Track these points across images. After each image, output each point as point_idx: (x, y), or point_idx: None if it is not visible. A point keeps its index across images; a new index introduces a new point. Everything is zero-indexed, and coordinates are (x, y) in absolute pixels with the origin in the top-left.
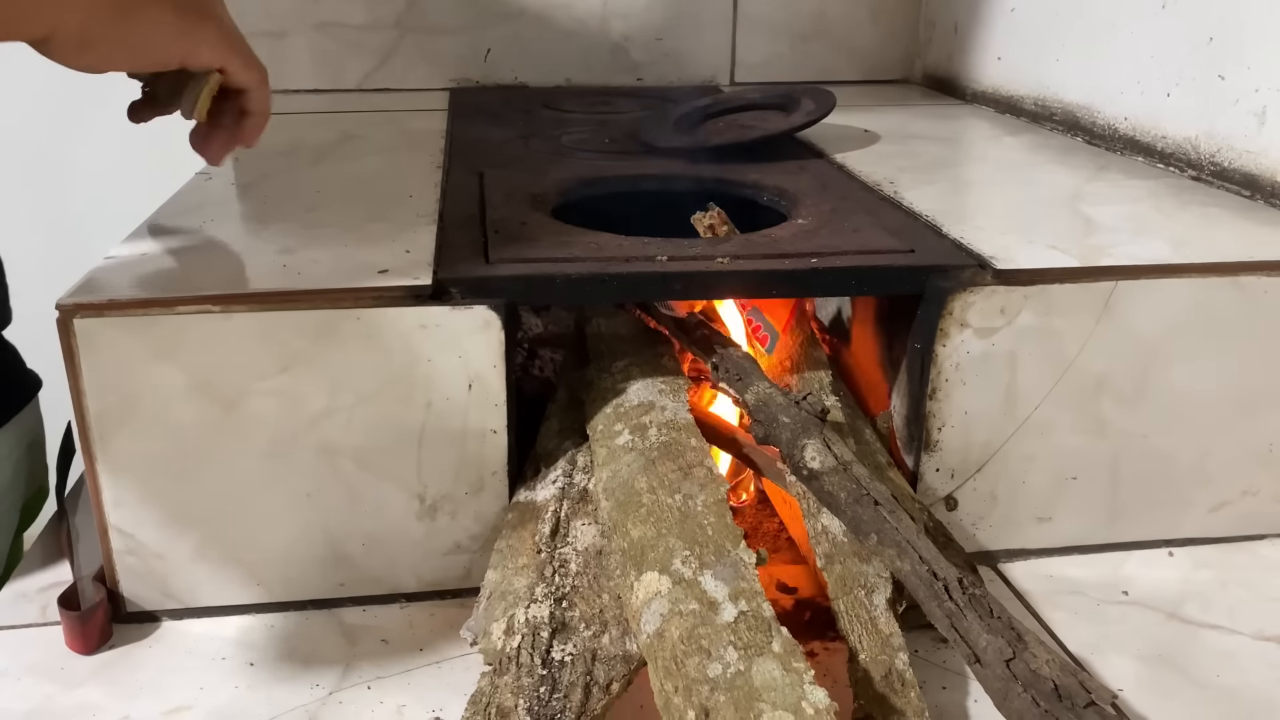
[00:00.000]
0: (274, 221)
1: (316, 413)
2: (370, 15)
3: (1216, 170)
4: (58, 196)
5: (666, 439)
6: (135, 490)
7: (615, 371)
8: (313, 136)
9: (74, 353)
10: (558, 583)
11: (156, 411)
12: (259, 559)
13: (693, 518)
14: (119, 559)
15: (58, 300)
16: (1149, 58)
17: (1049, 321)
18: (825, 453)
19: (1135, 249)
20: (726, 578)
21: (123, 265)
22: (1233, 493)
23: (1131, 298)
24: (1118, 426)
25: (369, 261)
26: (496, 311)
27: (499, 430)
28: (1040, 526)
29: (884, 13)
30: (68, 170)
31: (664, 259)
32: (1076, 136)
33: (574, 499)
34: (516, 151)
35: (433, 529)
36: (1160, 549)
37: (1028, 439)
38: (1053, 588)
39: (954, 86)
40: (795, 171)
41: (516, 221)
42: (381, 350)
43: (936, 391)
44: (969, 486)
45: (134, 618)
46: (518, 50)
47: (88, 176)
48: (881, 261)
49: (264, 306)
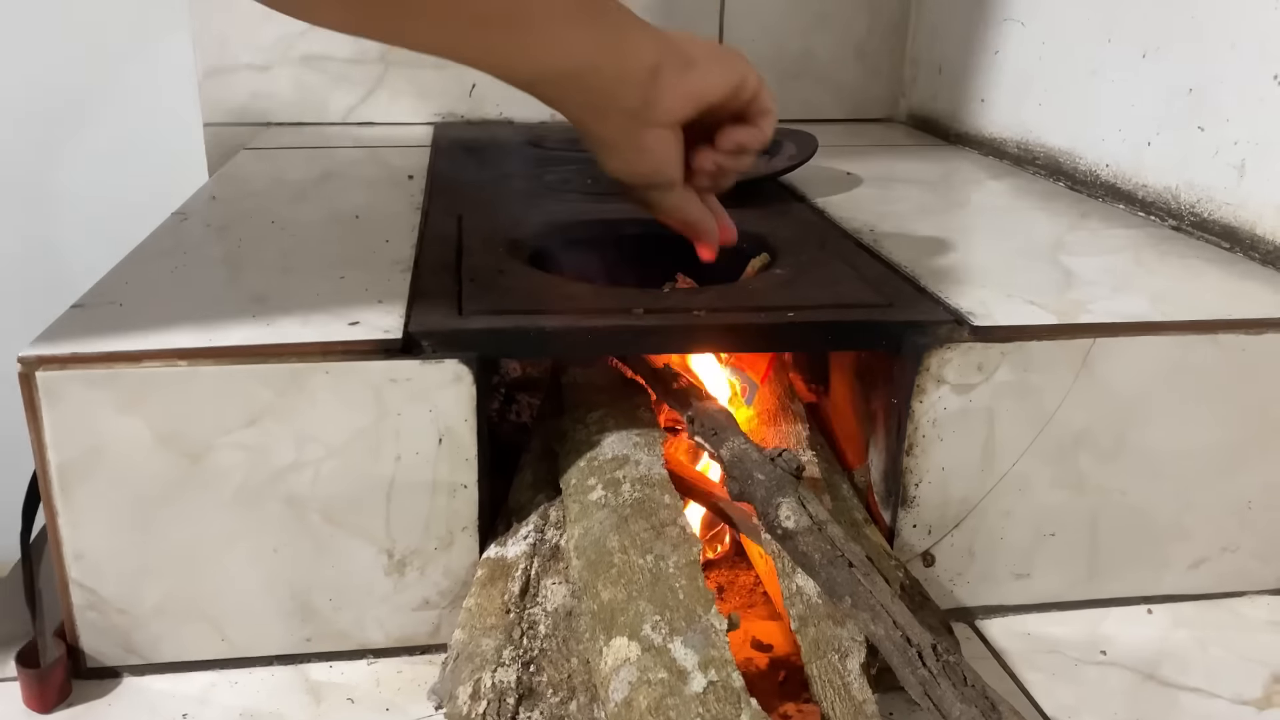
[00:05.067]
0: (247, 267)
1: (284, 466)
2: (356, 48)
3: (1196, 221)
4: (41, 221)
5: (640, 495)
6: (97, 544)
7: (590, 423)
8: (294, 172)
9: (36, 406)
10: (526, 645)
11: (120, 464)
12: (223, 614)
13: (664, 580)
14: (79, 614)
15: (20, 354)
16: (1130, 106)
17: (1027, 378)
18: (800, 512)
19: (1114, 305)
20: (697, 645)
21: (88, 313)
22: (1212, 549)
23: (1110, 354)
24: (1096, 482)
25: (341, 312)
26: (468, 365)
27: (469, 485)
28: (1018, 583)
29: (869, 52)
30: (50, 194)
31: (640, 311)
32: (1059, 181)
33: (545, 556)
34: (498, 192)
35: (401, 584)
36: (1139, 606)
37: (1006, 495)
38: (1030, 646)
39: (938, 127)
40: (775, 216)
41: (493, 269)
42: (351, 403)
43: (914, 447)
44: (946, 542)
45: (94, 673)
46: (502, 86)
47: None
48: (858, 316)
49: (231, 360)
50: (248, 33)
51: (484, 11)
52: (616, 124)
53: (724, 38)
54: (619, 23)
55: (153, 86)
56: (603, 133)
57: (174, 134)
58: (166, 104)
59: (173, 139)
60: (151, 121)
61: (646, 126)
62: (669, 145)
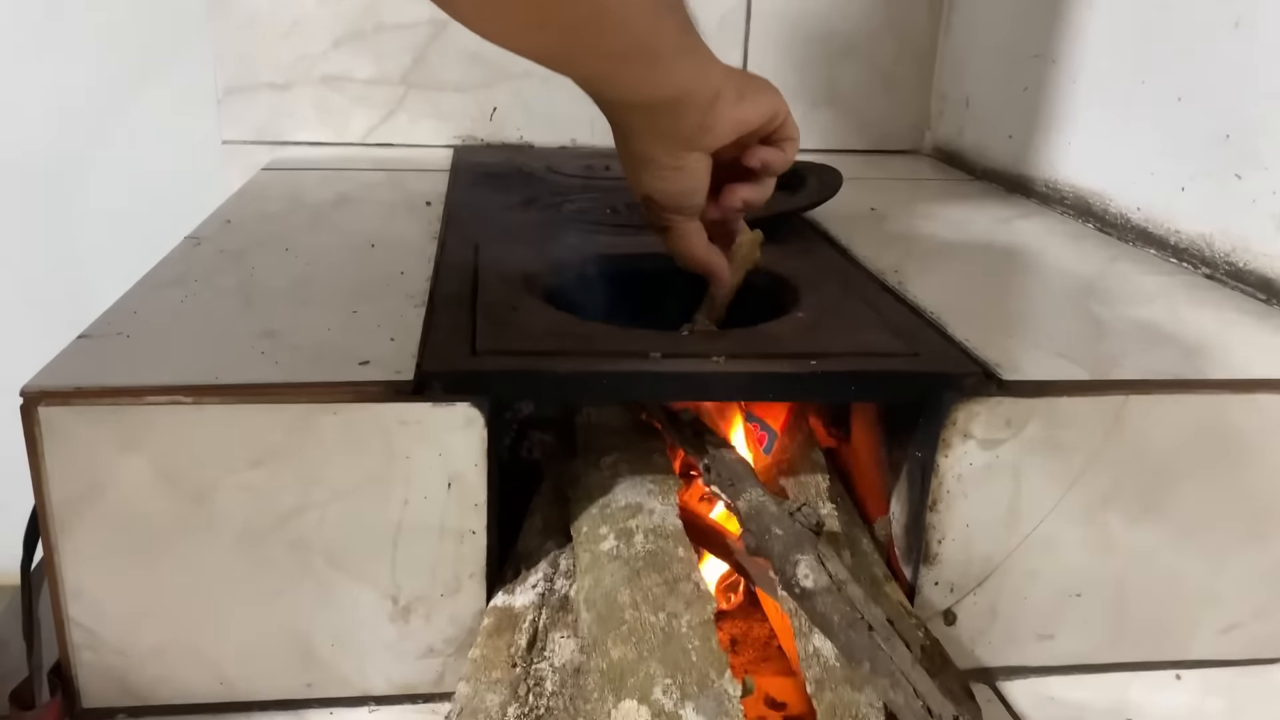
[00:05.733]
0: (258, 298)
1: (289, 509)
2: (377, 70)
3: (1231, 270)
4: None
5: (653, 547)
6: (97, 583)
7: (603, 467)
8: (312, 195)
9: (37, 441)
10: (532, 703)
11: (122, 502)
12: (223, 657)
13: (676, 639)
14: (76, 654)
15: (21, 387)
16: (1163, 150)
17: (1056, 434)
18: (819, 570)
19: (1147, 360)
20: (709, 712)
21: (94, 345)
22: (1244, 615)
23: (1143, 412)
24: (1125, 543)
25: (351, 350)
26: (480, 409)
27: (478, 531)
28: (1041, 644)
29: (896, 83)
30: (73, 209)
31: (657, 355)
32: (1088, 223)
33: (554, 607)
34: (516, 221)
35: (406, 631)
36: (1167, 671)
37: (1031, 554)
38: (1053, 712)
39: (963, 161)
40: (797, 255)
41: (507, 306)
42: (359, 446)
43: (937, 503)
44: (969, 601)
45: (90, 715)
46: (523, 109)
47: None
48: (883, 366)
49: (237, 399)
50: (268, 51)
51: (628, 48)
52: (666, 144)
53: (748, 65)
54: (704, 52)
55: (174, 103)
56: (650, 151)
57: (195, 151)
58: (187, 121)
59: (193, 156)
60: (173, 138)
61: (691, 149)
62: (704, 169)
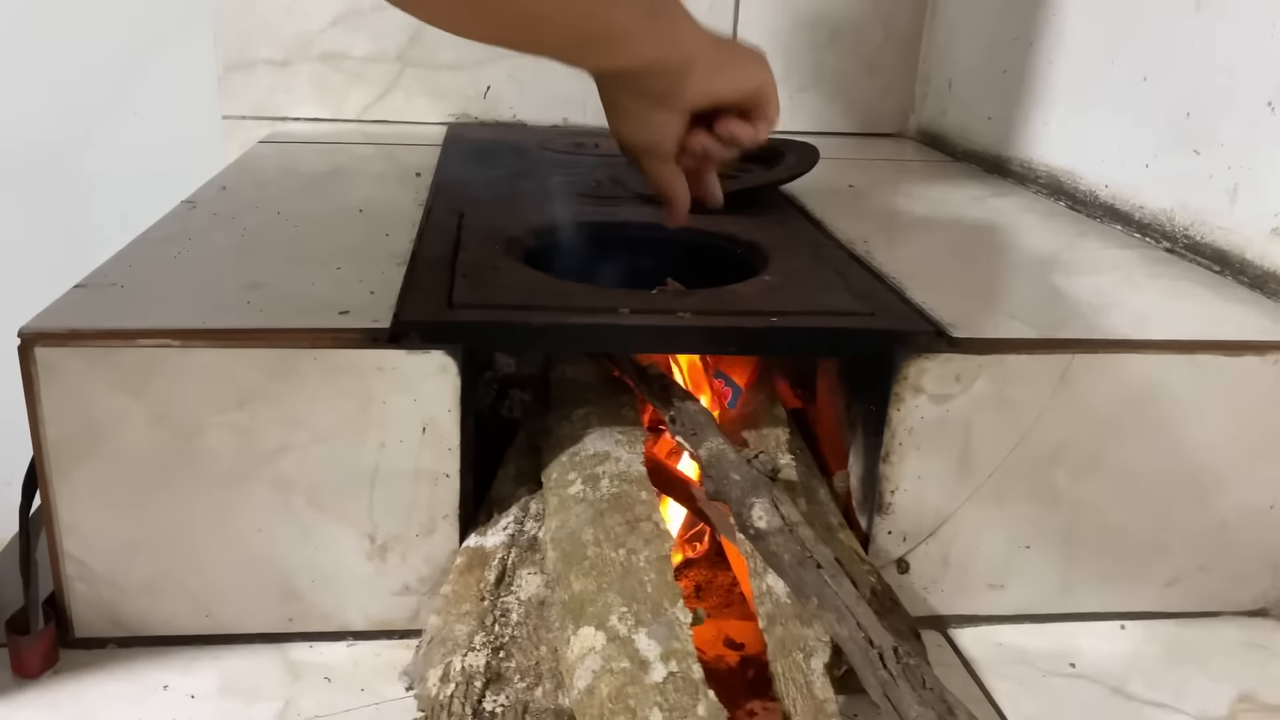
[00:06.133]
0: (248, 254)
1: (272, 449)
2: (374, 47)
3: (1190, 244)
4: (67, 205)
5: (617, 490)
6: (89, 518)
7: (575, 419)
8: (305, 166)
9: (34, 380)
10: (497, 632)
11: (114, 441)
12: (209, 590)
13: (634, 573)
14: (70, 585)
15: (20, 328)
16: (1130, 128)
17: (1005, 390)
18: (772, 513)
19: (1095, 322)
20: (660, 637)
21: (90, 294)
22: (1188, 568)
23: (1089, 371)
24: (1072, 497)
25: (333, 301)
26: (453, 357)
27: (451, 474)
28: (992, 593)
29: (881, 67)
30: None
31: (626, 311)
32: (1060, 201)
33: (523, 547)
34: (502, 192)
35: (382, 569)
36: (1113, 622)
37: (981, 506)
38: (1000, 656)
39: (946, 143)
40: (772, 225)
41: (487, 266)
42: (337, 390)
43: (890, 455)
44: (921, 550)
45: (82, 643)
46: (517, 88)
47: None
48: (839, 324)
49: (222, 343)
50: (268, 29)
51: (589, 32)
52: (635, 100)
53: None
54: (675, 21)
55: (175, 79)
56: (620, 102)
57: (194, 126)
58: (188, 96)
59: (193, 130)
60: (173, 113)
61: (659, 109)
62: (674, 127)
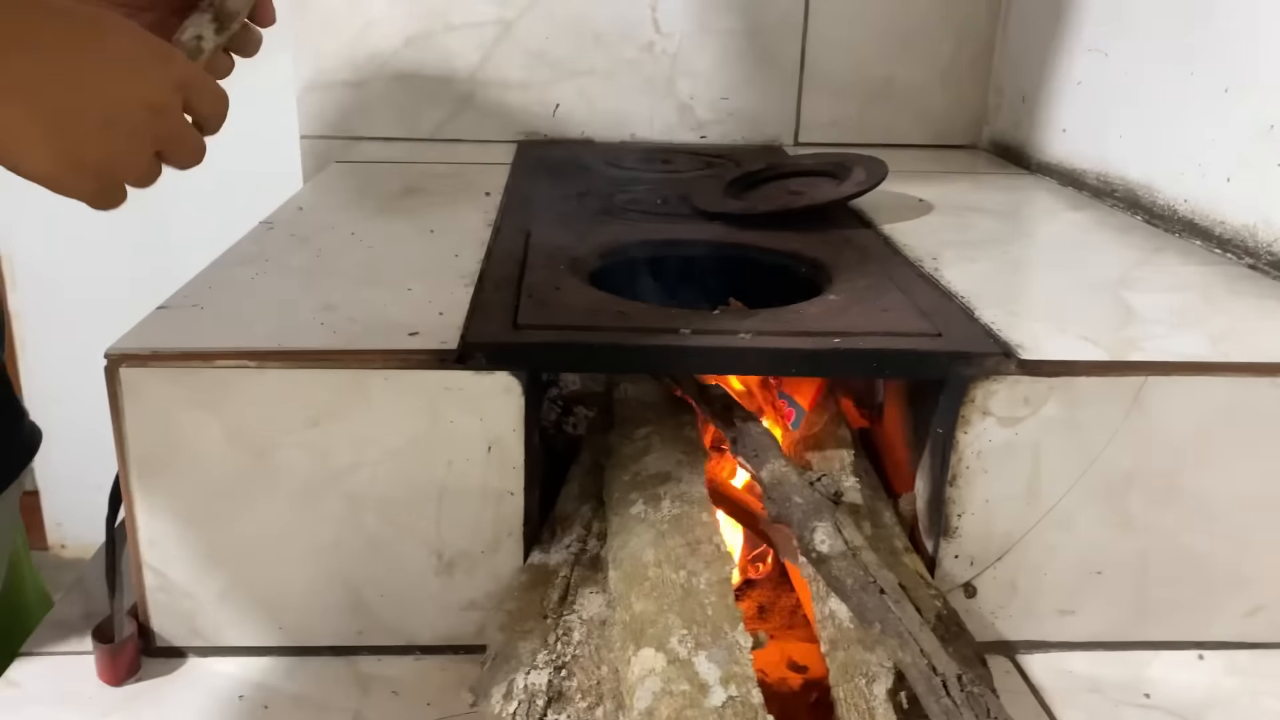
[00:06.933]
0: (322, 277)
1: (343, 466)
2: (445, 67)
3: (1273, 260)
4: (151, 225)
5: (679, 512)
6: (170, 531)
7: (636, 439)
8: (379, 186)
9: (119, 399)
10: (560, 650)
11: (193, 458)
12: (282, 603)
13: (694, 595)
14: (151, 595)
15: (106, 349)
16: (1210, 141)
17: (1075, 414)
18: (835, 536)
19: (1170, 343)
20: (720, 660)
21: (171, 315)
22: (1269, 598)
23: (1162, 394)
24: (1146, 523)
25: (403, 322)
26: (518, 378)
27: (516, 492)
28: (1062, 619)
29: (953, 79)
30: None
31: (687, 331)
32: (1136, 215)
33: (585, 565)
34: (569, 210)
35: (449, 585)
36: (1189, 651)
37: (1050, 530)
38: (1071, 684)
39: (1019, 155)
40: (838, 242)
41: (551, 286)
42: (407, 410)
43: (957, 478)
44: (989, 575)
45: (162, 652)
46: (586, 105)
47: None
48: (904, 345)
49: (297, 364)
50: (344, 50)
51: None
52: None
53: (806, 62)
54: None
55: (255, 101)
56: None
57: (273, 146)
58: (267, 117)
59: (272, 150)
60: (253, 133)
61: None
62: None
